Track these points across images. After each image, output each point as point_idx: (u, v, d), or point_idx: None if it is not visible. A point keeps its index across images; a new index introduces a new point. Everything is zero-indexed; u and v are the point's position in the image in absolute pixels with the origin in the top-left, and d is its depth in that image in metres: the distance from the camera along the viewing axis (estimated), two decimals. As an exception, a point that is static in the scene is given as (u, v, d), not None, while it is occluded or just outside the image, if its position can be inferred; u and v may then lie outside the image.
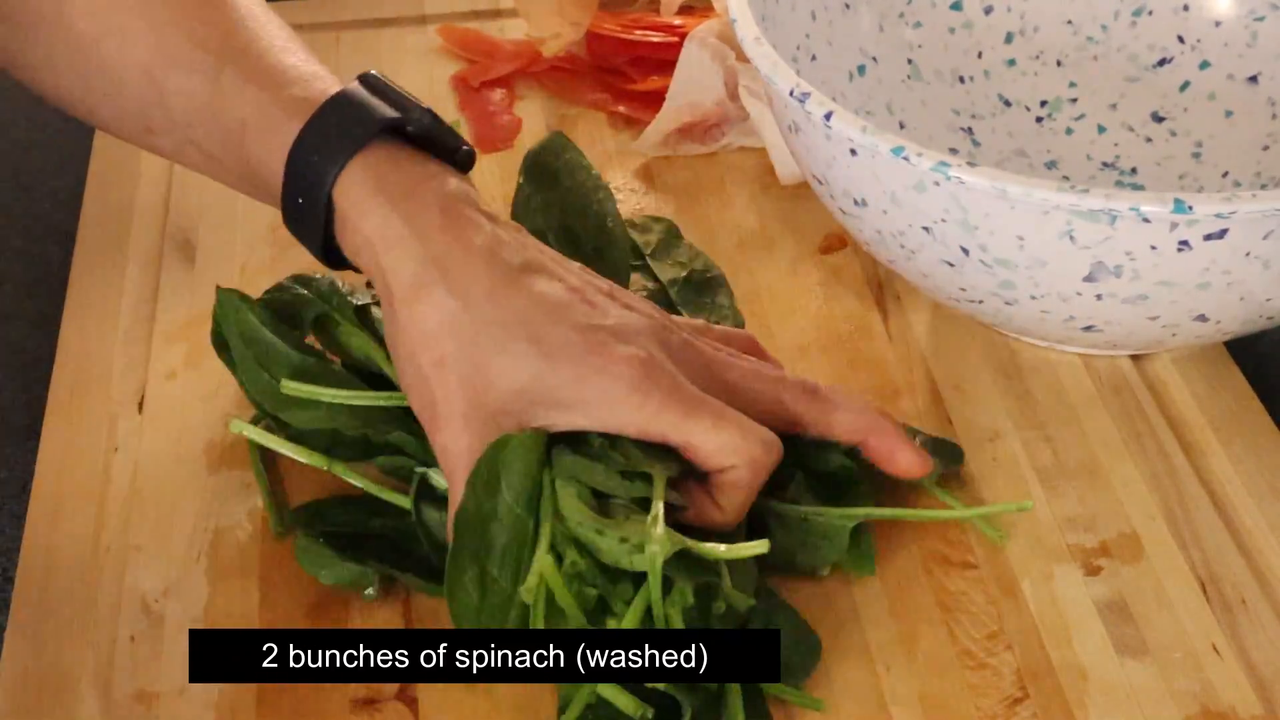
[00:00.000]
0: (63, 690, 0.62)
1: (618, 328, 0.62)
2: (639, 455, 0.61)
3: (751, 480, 0.62)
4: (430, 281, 0.61)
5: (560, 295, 0.62)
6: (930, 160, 0.64)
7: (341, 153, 0.62)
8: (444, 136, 0.65)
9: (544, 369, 0.60)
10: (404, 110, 0.63)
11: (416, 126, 0.63)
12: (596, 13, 0.92)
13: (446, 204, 0.62)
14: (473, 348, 0.60)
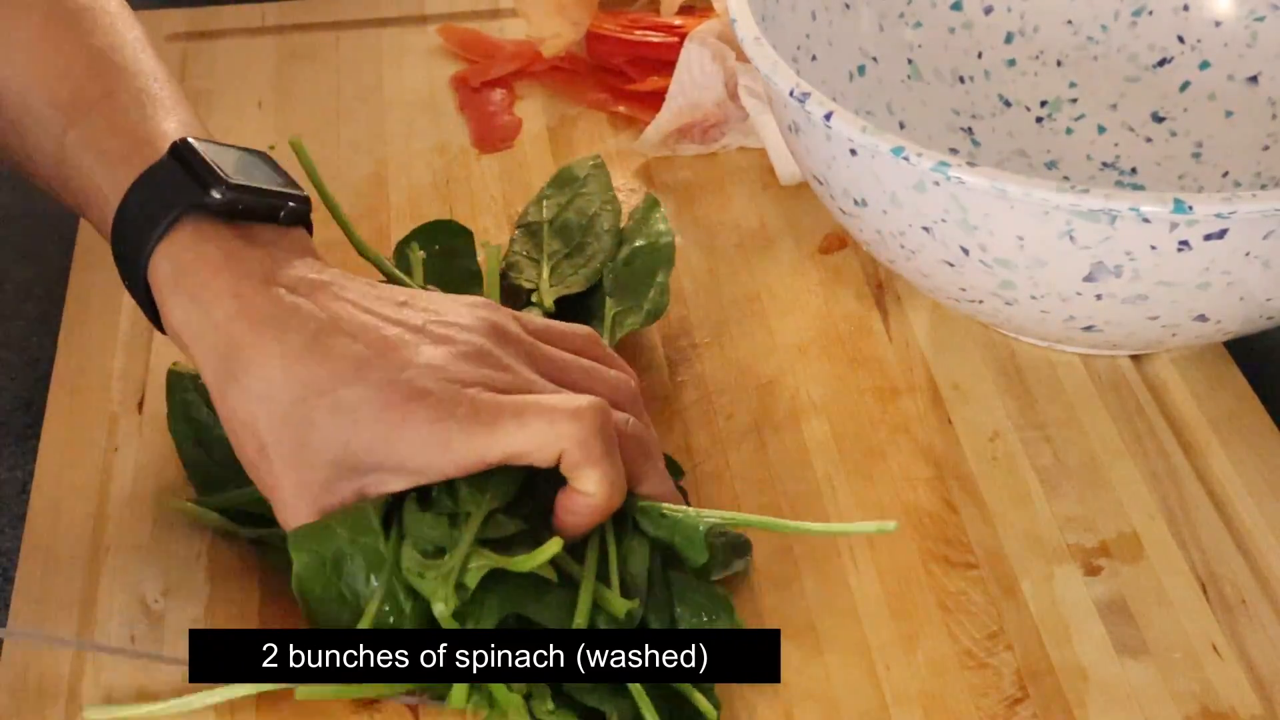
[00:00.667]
0: (63, 690, 0.62)
1: (417, 371, 0.59)
2: (467, 493, 0.60)
3: (586, 456, 0.59)
4: (233, 374, 0.59)
5: (358, 353, 0.59)
6: (930, 160, 0.64)
7: (146, 243, 0.61)
8: (257, 203, 0.62)
9: (350, 436, 0.59)
10: (207, 186, 0.61)
11: (219, 205, 0.61)
12: (596, 13, 0.92)
13: (241, 288, 0.60)
14: (284, 429, 0.59)
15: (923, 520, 0.68)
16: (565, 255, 0.77)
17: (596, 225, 0.78)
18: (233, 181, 0.61)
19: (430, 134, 0.89)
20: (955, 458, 0.71)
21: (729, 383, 0.74)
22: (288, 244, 0.63)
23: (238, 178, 0.62)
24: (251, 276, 0.60)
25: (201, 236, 0.61)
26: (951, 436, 0.72)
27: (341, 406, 0.59)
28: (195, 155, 0.62)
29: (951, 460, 0.71)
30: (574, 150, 0.88)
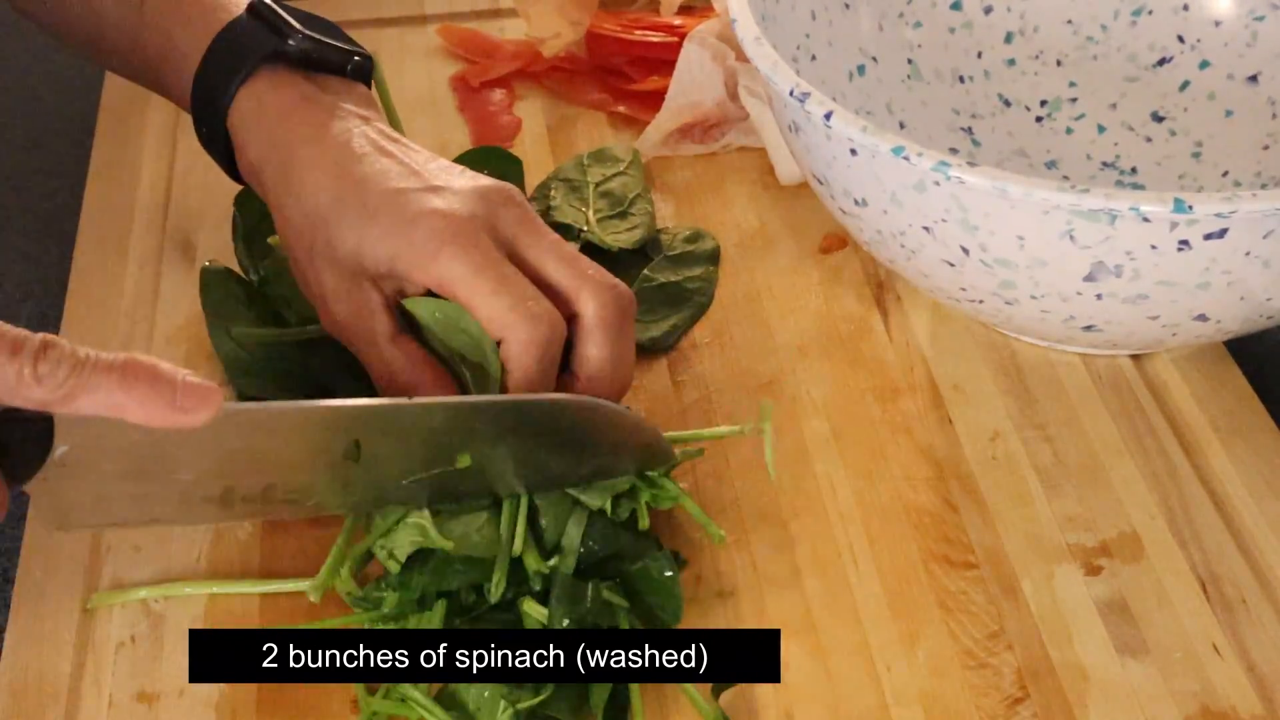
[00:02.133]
0: (63, 690, 0.62)
1: (439, 189, 0.65)
2: None
3: (521, 358, 0.63)
4: (290, 186, 0.67)
5: (390, 167, 0.66)
6: (930, 160, 0.64)
7: (229, 86, 0.69)
8: (328, 55, 0.70)
9: (369, 230, 0.64)
10: (283, 36, 0.69)
11: (295, 53, 0.69)
12: (596, 13, 0.92)
13: (310, 121, 0.68)
14: (321, 229, 0.66)
15: (923, 520, 0.68)
16: (609, 216, 0.80)
17: (637, 206, 0.81)
18: (307, 33, 0.69)
19: (430, 134, 0.89)
20: (955, 458, 0.71)
21: (729, 383, 0.74)
22: (354, 97, 0.70)
23: (310, 32, 0.69)
24: (320, 113, 0.68)
25: (279, 81, 0.69)
26: (952, 436, 0.72)
27: (366, 204, 0.65)
28: (271, 11, 0.70)
29: (951, 460, 0.71)
30: (574, 150, 0.88)
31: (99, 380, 0.54)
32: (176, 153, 0.87)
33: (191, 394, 0.55)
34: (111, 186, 0.86)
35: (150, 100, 0.91)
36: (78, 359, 0.54)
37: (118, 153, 0.88)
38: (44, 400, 0.54)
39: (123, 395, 0.54)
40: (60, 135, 0.94)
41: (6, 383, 0.53)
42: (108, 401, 0.54)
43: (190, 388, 0.55)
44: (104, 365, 0.54)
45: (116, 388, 0.54)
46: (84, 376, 0.54)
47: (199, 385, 0.55)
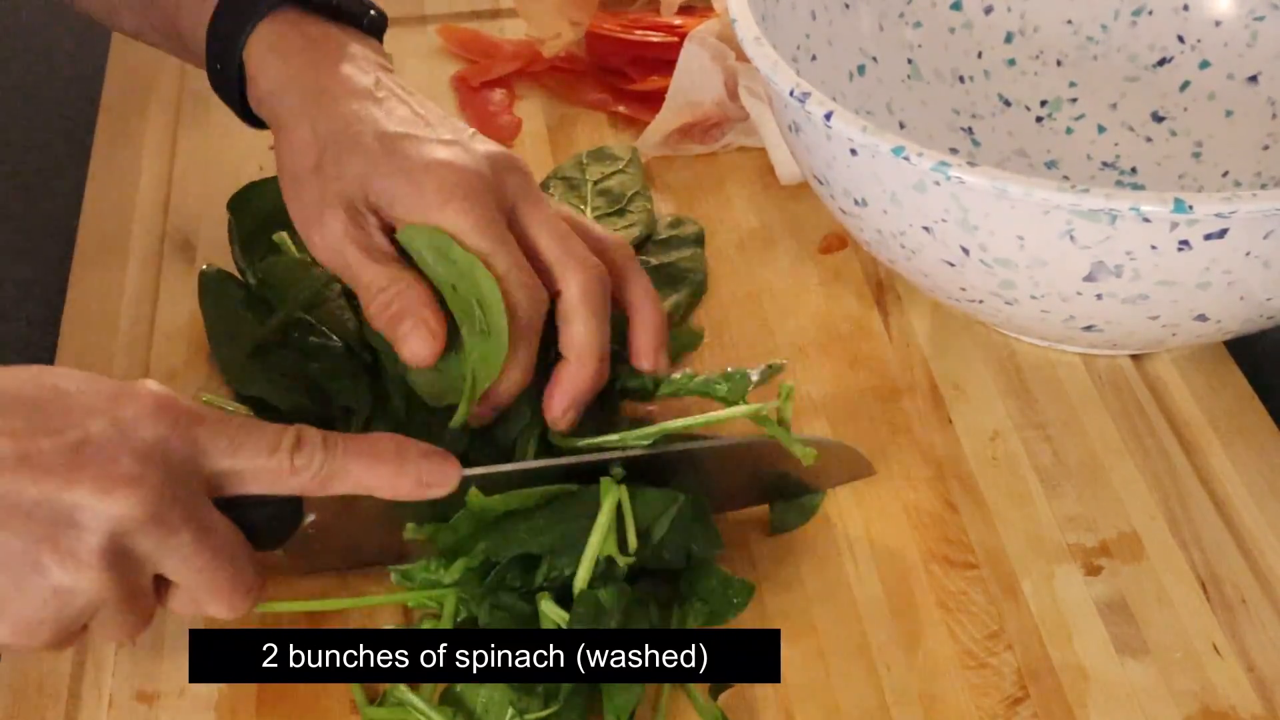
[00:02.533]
0: (63, 690, 0.62)
1: (452, 143, 0.66)
2: None
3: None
4: (304, 109, 0.68)
5: (408, 114, 0.68)
6: (930, 160, 0.64)
7: (248, 22, 0.70)
8: (346, 4, 0.71)
9: (380, 163, 0.65)
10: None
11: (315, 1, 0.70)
12: (596, 13, 0.92)
13: (322, 59, 0.69)
14: (336, 149, 0.66)
15: (923, 520, 0.68)
16: (607, 213, 0.80)
17: (635, 204, 0.82)
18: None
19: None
20: (955, 458, 0.71)
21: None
22: (370, 47, 0.71)
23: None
24: (341, 51, 0.70)
25: (298, 20, 0.70)
26: (951, 436, 0.72)
27: (381, 142, 0.66)
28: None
29: (951, 460, 0.71)
30: (574, 150, 0.88)
31: (350, 467, 0.59)
32: (176, 153, 0.87)
33: (434, 470, 0.60)
34: (111, 186, 0.86)
35: (150, 100, 0.91)
36: (327, 446, 0.59)
37: (118, 153, 0.88)
38: (302, 488, 0.59)
39: (371, 478, 0.59)
40: (60, 135, 0.93)
41: (266, 479, 0.58)
42: (358, 484, 0.59)
43: (433, 465, 0.60)
44: (353, 450, 0.59)
45: (365, 471, 0.59)
46: (335, 463, 0.59)
47: (441, 460, 0.60)
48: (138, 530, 0.54)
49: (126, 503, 0.54)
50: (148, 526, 0.54)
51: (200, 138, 0.87)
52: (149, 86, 0.91)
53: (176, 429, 0.56)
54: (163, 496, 0.54)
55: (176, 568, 0.56)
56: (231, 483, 0.58)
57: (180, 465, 0.56)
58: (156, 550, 0.55)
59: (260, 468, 0.58)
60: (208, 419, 0.57)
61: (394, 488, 0.59)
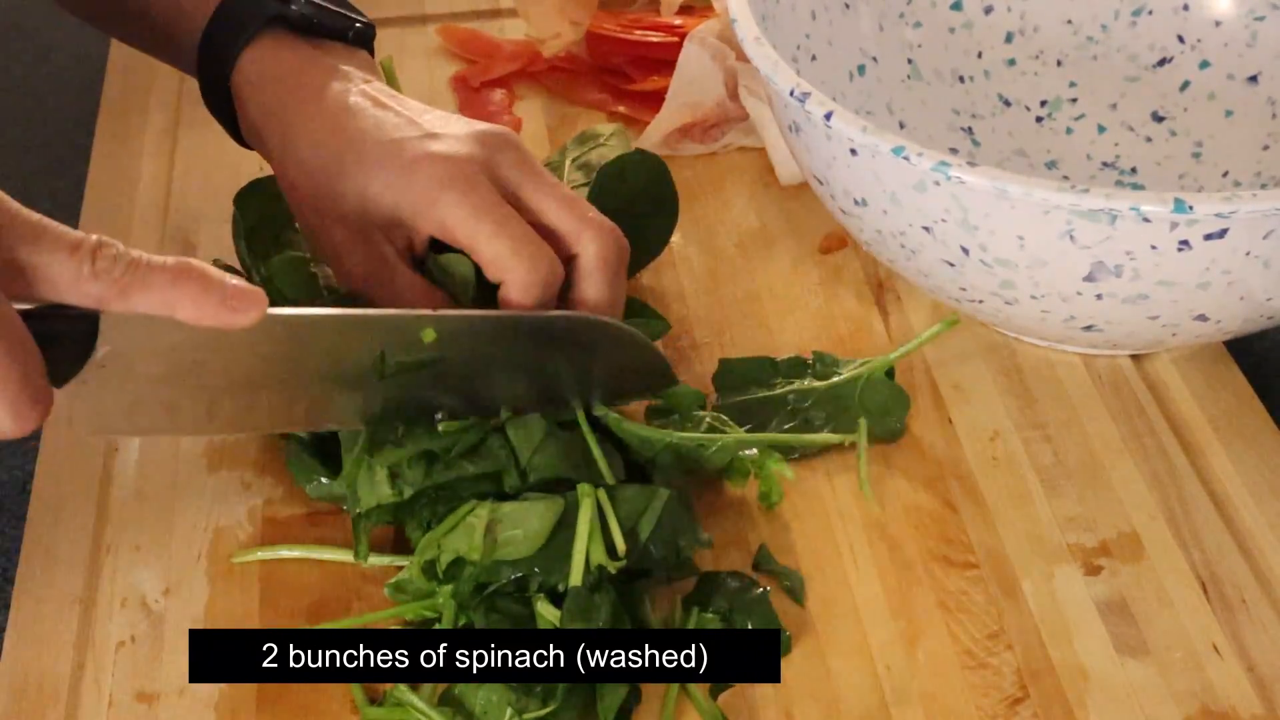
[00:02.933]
0: (63, 690, 0.62)
1: (437, 135, 0.67)
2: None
3: (520, 299, 0.64)
4: (291, 144, 0.68)
5: (388, 119, 0.67)
6: (931, 160, 0.64)
7: (233, 49, 0.70)
8: (330, 21, 0.71)
9: (371, 181, 0.66)
10: (286, 1, 0.70)
11: (296, 17, 0.70)
12: (596, 13, 0.92)
13: (309, 83, 0.69)
14: (323, 179, 0.67)
15: (923, 520, 0.68)
16: (583, 184, 0.80)
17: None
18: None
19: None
20: (955, 458, 0.71)
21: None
22: (355, 61, 0.72)
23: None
24: (320, 75, 0.70)
25: (281, 45, 0.70)
26: (952, 436, 0.72)
27: (366, 157, 0.66)
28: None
29: (951, 460, 0.71)
30: (574, 150, 0.88)
31: (153, 278, 0.56)
32: (176, 153, 0.87)
33: (241, 295, 0.57)
34: (111, 186, 0.86)
35: (150, 100, 0.91)
36: (132, 257, 0.56)
37: (118, 153, 0.88)
38: (99, 295, 0.55)
39: (175, 293, 0.56)
40: (60, 135, 0.94)
41: (65, 278, 0.55)
42: (160, 299, 0.56)
43: (239, 289, 0.57)
44: (157, 265, 0.56)
45: (169, 285, 0.56)
46: (138, 274, 0.56)
47: (247, 287, 0.57)
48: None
49: None
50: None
51: (200, 138, 0.87)
52: (149, 86, 0.92)
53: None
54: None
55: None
56: (26, 278, 0.55)
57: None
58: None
59: (59, 264, 0.55)
60: (10, 207, 0.55)
61: (198, 306, 0.57)
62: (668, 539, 0.63)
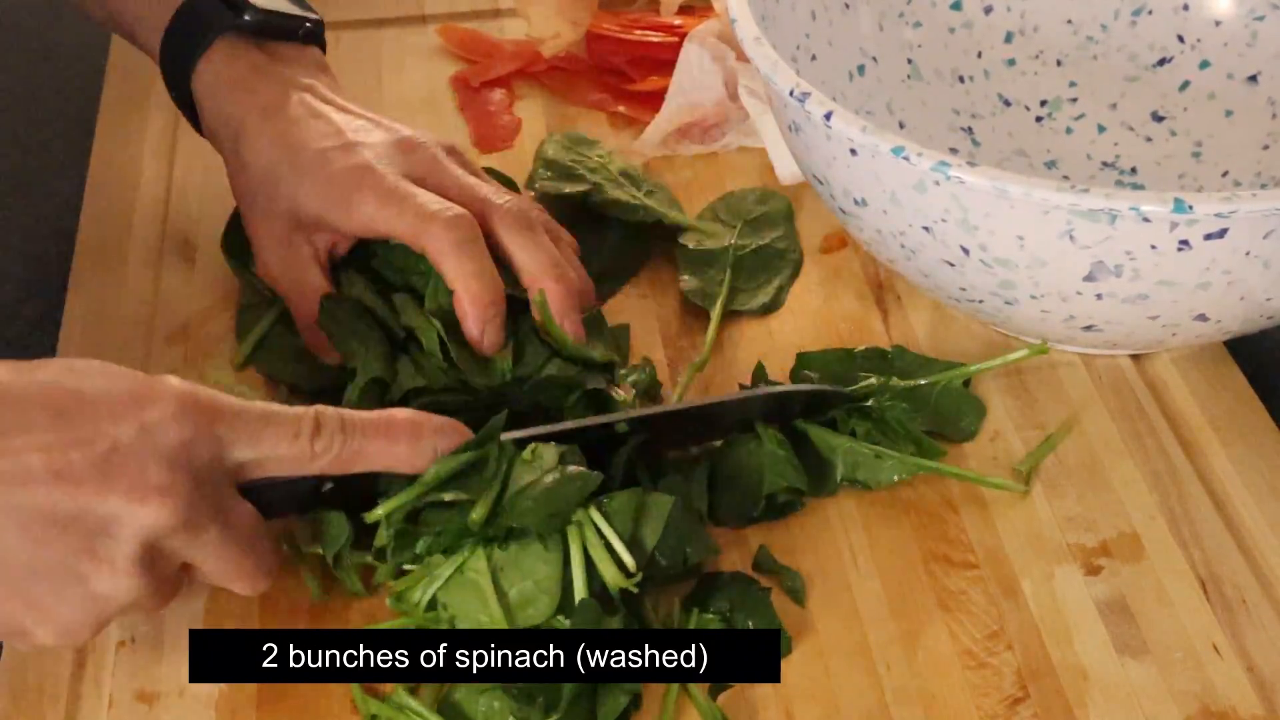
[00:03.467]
0: (63, 690, 0.62)
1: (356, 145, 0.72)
2: None
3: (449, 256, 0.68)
4: (239, 151, 0.73)
5: (318, 128, 0.72)
6: (930, 160, 0.64)
7: (190, 58, 0.75)
8: (280, 24, 0.75)
9: (299, 188, 0.71)
10: (239, 10, 0.74)
11: (249, 26, 0.74)
12: (596, 13, 0.92)
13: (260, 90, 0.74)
14: (262, 185, 0.73)
15: (923, 520, 0.68)
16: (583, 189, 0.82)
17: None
18: (259, 5, 0.74)
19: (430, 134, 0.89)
20: (955, 457, 0.71)
21: (729, 383, 0.74)
22: (305, 60, 0.76)
23: (263, 3, 0.75)
24: (267, 83, 0.74)
25: (233, 54, 0.74)
26: (952, 436, 0.72)
27: (299, 166, 0.71)
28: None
29: (952, 460, 0.70)
30: (574, 150, 0.88)
31: (369, 447, 0.60)
32: (176, 153, 0.87)
33: (449, 443, 0.61)
34: (111, 186, 0.85)
35: (150, 100, 0.91)
36: (346, 430, 0.60)
37: (118, 153, 0.88)
38: (322, 471, 0.60)
39: (389, 457, 0.61)
40: (60, 135, 0.93)
41: (291, 464, 0.60)
42: (376, 463, 0.61)
43: (448, 438, 0.61)
44: (370, 428, 0.61)
45: (382, 451, 0.61)
46: (353, 444, 0.60)
47: (454, 433, 0.62)
48: (169, 535, 0.56)
49: (159, 511, 0.55)
50: (178, 530, 0.56)
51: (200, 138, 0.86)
52: (149, 86, 0.91)
53: (200, 429, 0.57)
54: (191, 501, 0.56)
55: (204, 559, 0.58)
56: (254, 471, 0.59)
57: (206, 464, 0.57)
58: (186, 548, 0.57)
59: (282, 455, 0.59)
60: (227, 412, 0.58)
61: (411, 464, 0.61)
62: (676, 546, 0.63)
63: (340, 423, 0.60)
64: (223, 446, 0.58)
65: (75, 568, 0.55)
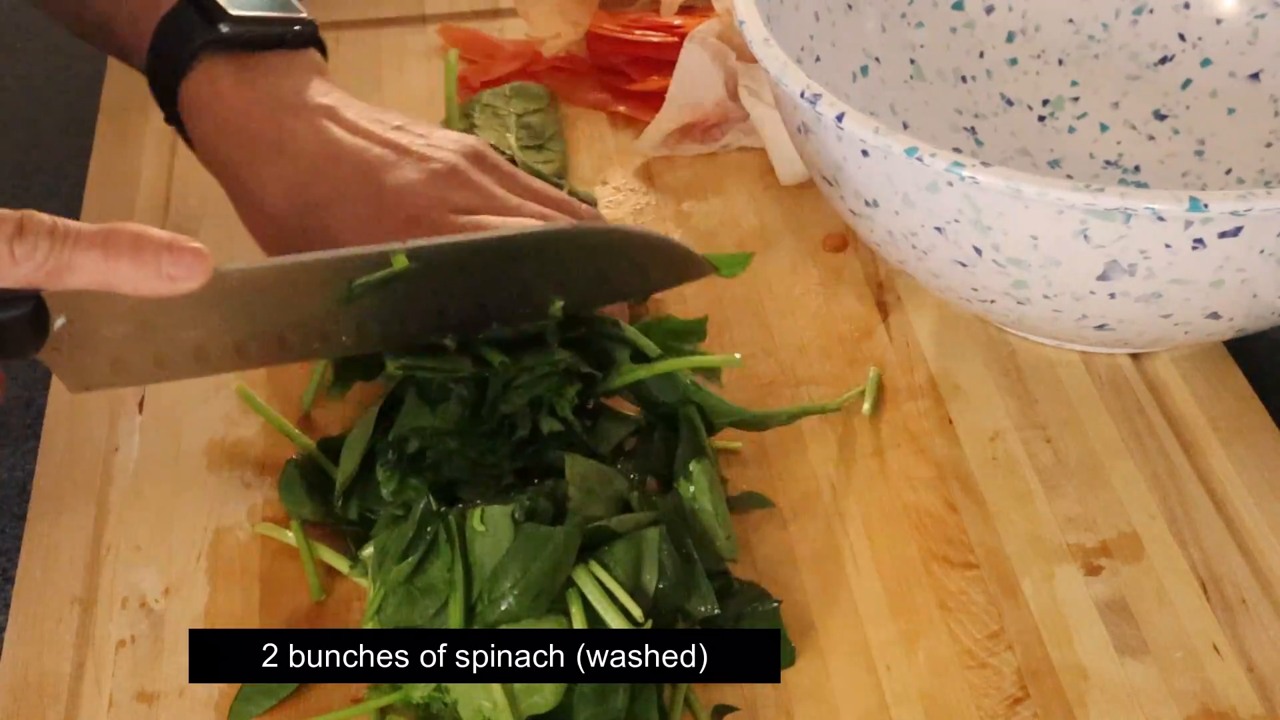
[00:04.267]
0: (63, 690, 0.62)
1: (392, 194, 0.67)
2: None
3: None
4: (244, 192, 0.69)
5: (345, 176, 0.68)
6: (944, 160, 0.63)
7: (175, 80, 0.70)
8: (262, 32, 0.71)
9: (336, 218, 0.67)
10: (214, 22, 0.70)
11: (230, 38, 0.70)
12: (596, 13, 0.92)
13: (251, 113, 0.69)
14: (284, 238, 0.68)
15: (923, 520, 0.68)
16: (529, 145, 0.84)
17: (553, 144, 0.86)
18: (233, 14, 0.69)
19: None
20: (955, 458, 0.71)
21: (730, 383, 0.74)
22: (298, 67, 0.71)
23: (239, 10, 0.70)
24: (261, 103, 0.69)
25: (216, 71, 0.70)
26: (952, 436, 0.72)
27: (328, 225, 0.67)
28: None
29: (952, 460, 0.71)
30: (574, 150, 0.88)
31: (80, 256, 0.54)
32: (176, 153, 0.87)
33: (179, 262, 0.55)
34: (111, 186, 0.85)
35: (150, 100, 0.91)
36: (55, 235, 0.54)
37: (118, 153, 0.88)
38: (29, 279, 0.54)
39: (107, 269, 0.54)
40: (60, 135, 0.93)
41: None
42: (93, 277, 0.54)
43: (177, 255, 0.55)
44: (85, 239, 0.54)
45: (100, 261, 0.54)
46: (64, 253, 0.54)
47: (186, 250, 0.55)
48: None
49: None
50: None
51: (200, 137, 0.87)
52: (149, 86, 0.91)
53: None
54: None
55: None
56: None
57: None
58: None
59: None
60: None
61: (134, 282, 0.55)
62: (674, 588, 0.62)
63: (50, 227, 0.54)
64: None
65: None
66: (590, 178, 0.86)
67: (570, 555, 0.60)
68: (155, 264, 0.55)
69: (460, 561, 0.59)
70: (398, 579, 0.60)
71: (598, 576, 0.60)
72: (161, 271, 0.55)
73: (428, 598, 0.60)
